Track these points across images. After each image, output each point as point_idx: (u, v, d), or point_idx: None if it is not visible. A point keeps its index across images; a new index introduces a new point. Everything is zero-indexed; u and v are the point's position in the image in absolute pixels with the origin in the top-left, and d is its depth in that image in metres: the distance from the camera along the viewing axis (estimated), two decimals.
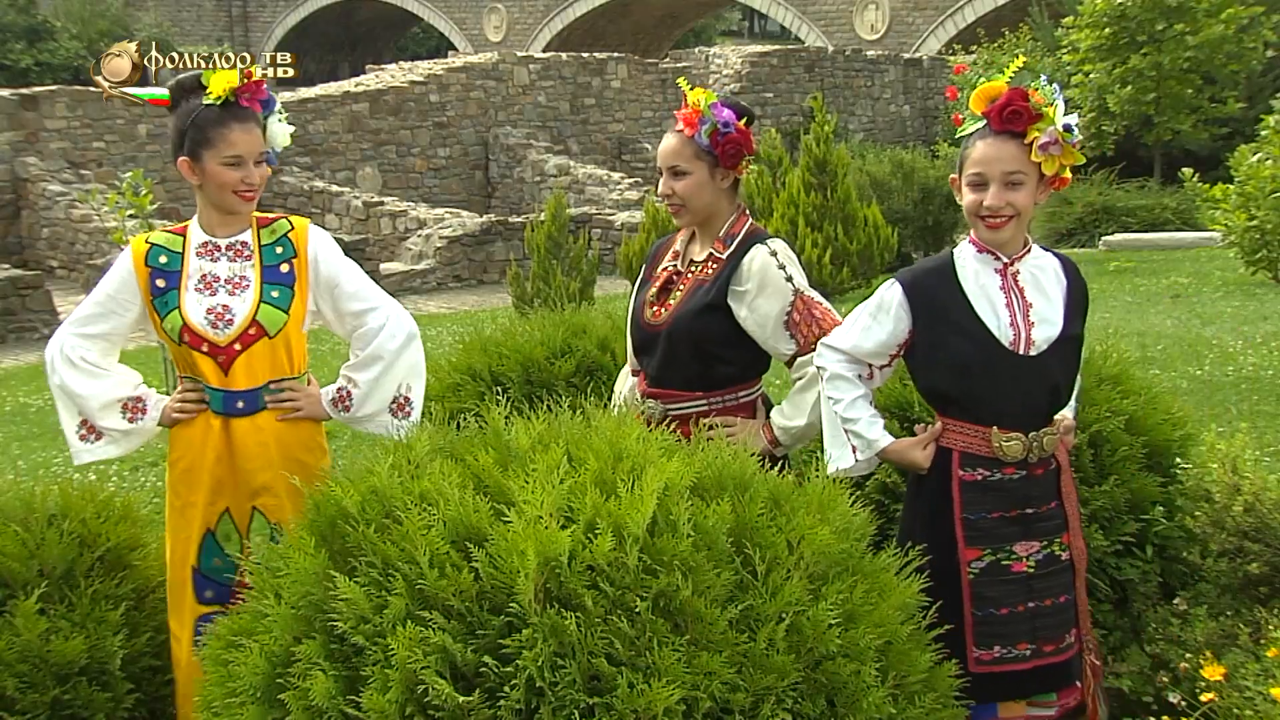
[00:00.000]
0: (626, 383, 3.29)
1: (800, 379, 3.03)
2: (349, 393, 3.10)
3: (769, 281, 2.98)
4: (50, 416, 8.65)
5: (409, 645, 1.96)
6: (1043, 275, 2.80)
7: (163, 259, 3.04)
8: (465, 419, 2.53)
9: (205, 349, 2.99)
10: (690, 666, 1.97)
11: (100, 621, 2.92)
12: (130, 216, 6.97)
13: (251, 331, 3.00)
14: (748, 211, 3.15)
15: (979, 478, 2.76)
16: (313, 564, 2.16)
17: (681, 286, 3.08)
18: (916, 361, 2.85)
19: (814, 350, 2.93)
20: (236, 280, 3.02)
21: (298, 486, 2.91)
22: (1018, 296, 2.75)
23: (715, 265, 3.05)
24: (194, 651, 2.89)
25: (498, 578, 2.01)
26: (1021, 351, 2.72)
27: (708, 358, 3.03)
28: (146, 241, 3.07)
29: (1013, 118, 2.65)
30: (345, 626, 2.06)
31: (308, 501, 2.36)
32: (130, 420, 3.08)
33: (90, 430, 3.09)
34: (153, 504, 5.47)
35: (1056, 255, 2.87)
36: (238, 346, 2.99)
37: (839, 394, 2.86)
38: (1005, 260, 2.76)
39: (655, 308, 3.10)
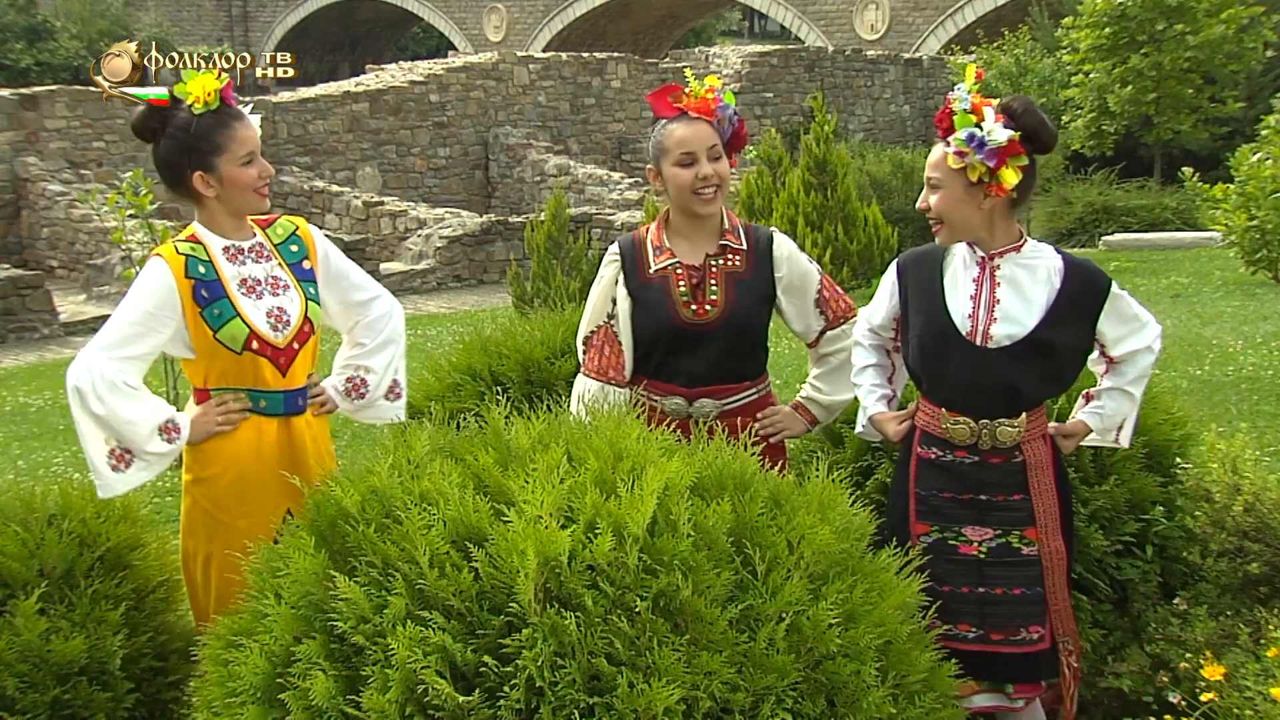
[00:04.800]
0: (610, 394, 3.07)
1: (831, 354, 3.19)
2: (363, 380, 3.14)
3: (799, 265, 3.14)
4: (50, 416, 8.65)
5: (409, 645, 1.96)
6: (1028, 275, 2.82)
7: (201, 269, 2.93)
8: (465, 419, 2.52)
9: (269, 353, 2.97)
10: (690, 666, 1.97)
11: (100, 621, 2.91)
12: (130, 216, 6.95)
13: (305, 329, 3.02)
14: None
15: (933, 456, 2.90)
16: (313, 564, 2.16)
17: (713, 281, 3.06)
18: (903, 338, 2.99)
19: (843, 324, 3.16)
20: (273, 281, 3.01)
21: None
22: (988, 290, 2.83)
23: (739, 256, 3.09)
24: None
25: (498, 578, 2.01)
26: (978, 343, 2.81)
27: (757, 347, 3.14)
28: (178, 252, 2.93)
29: (940, 120, 2.81)
30: (345, 626, 2.06)
31: (307, 501, 2.35)
32: (169, 442, 2.91)
33: (120, 458, 2.89)
34: (152, 504, 5.47)
35: (1065, 258, 2.85)
36: (295, 345, 3.01)
37: (855, 360, 3.11)
38: (985, 255, 2.86)
39: (695, 306, 3.04)
